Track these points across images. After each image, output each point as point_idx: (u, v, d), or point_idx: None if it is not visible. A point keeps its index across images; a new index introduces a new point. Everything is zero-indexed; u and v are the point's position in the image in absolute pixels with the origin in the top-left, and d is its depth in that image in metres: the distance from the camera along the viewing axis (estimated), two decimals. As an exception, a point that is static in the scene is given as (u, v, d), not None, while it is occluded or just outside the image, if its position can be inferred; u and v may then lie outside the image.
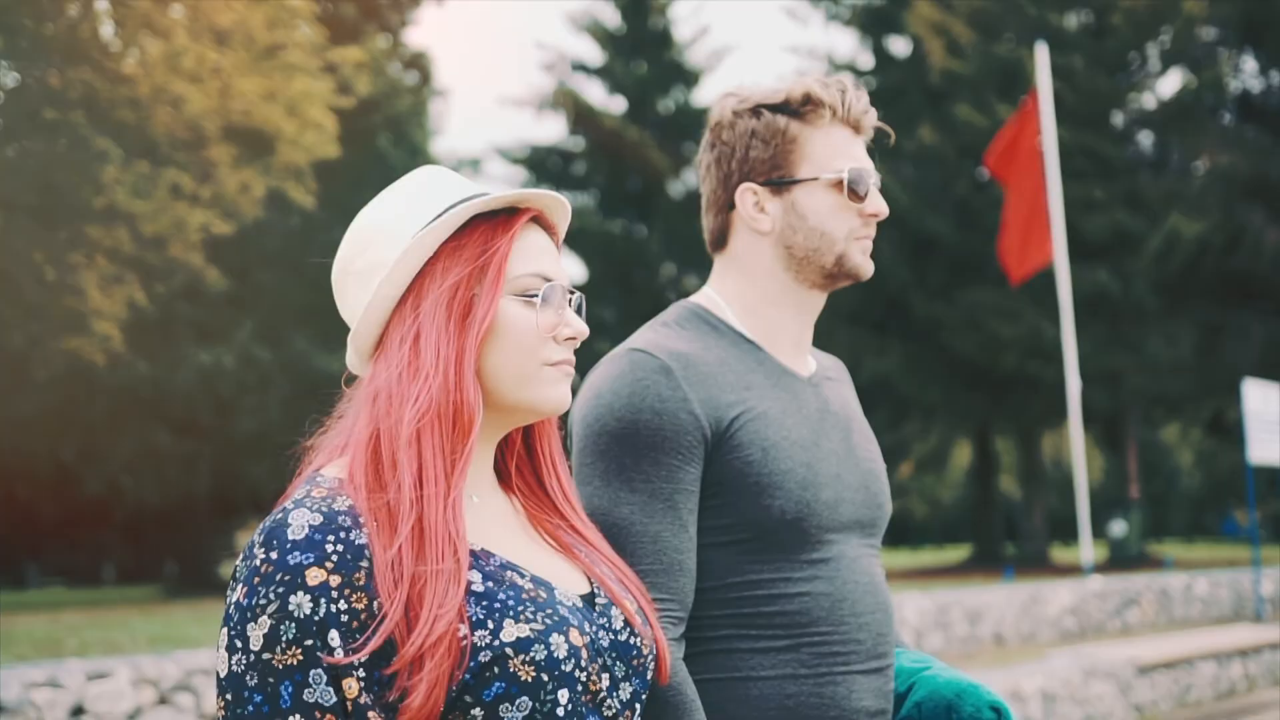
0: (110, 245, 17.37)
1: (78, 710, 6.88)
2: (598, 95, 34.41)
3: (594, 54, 34.74)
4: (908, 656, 2.16)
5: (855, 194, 2.12)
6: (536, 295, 1.63)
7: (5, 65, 17.62)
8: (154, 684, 7.30)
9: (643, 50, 34.11)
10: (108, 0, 17.68)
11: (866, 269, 2.15)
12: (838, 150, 2.13)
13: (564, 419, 1.88)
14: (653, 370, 1.98)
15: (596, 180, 34.65)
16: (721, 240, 2.18)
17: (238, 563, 1.52)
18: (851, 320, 28.82)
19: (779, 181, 2.12)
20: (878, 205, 2.14)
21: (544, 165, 34.44)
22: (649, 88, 34.00)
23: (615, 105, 34.27)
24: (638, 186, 33.78)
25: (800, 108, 2.12)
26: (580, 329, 1.67)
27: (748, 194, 2.13)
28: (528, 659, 1.48)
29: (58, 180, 16.80)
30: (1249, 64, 29.96)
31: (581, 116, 33.10)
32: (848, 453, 2.13)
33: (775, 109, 2.12)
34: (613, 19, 34.27)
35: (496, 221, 1.65)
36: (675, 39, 34.55)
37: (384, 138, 28.01)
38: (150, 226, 17.23)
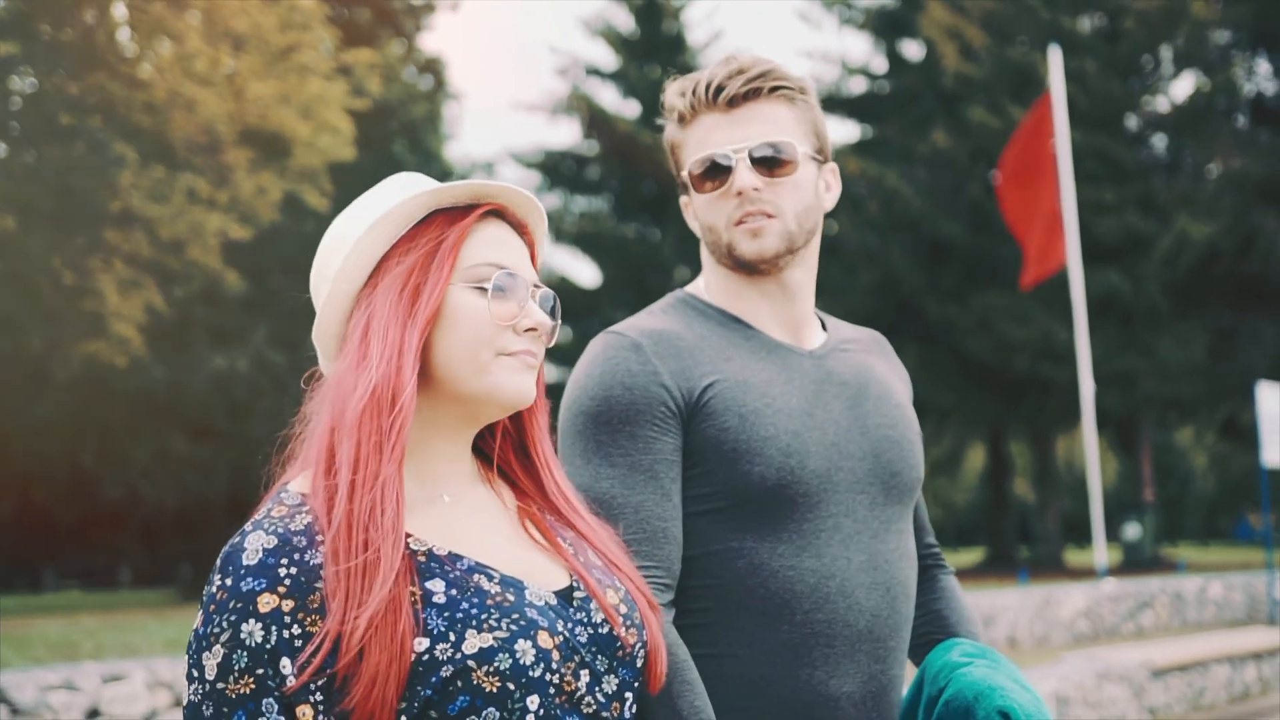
0: (128, 250, 17.46)
1: (93, 713, 6.93)
2: (611, 99, 34.44)
3: (608, 59, 34.75)
4: (960, 649, 2.06)
5: (702, 182, 2.09)
6: (490, 284, 1.61)
7: (22, 71, 17.72)
8: (169, 687, 7.35)
9: (656, 55, 34.09)
10: (124, 6, 17.78)
11: (752, 252, 2.06)
12: (700, 143, 2.10)
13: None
14: (623, 348, 2.01)
15: (611, 184, 34.64)
16: None
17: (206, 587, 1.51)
18: (864, 323, 28.48)
19: (685, 187, 2.17)
20: (740, 182, 2.05)
21: (558, 169, 34.46)
22: (663, 92, 34.00)
23: (629, 109, 34.27)
24: (652, 190, 33.77)
25: (672, 114, 2.16)
26: (541, 321, 1.63)
27: (686, 207, 2.20)
28: (492, 669, 1.45)
29: (75, 185, 16.89)
30: (1262, 67, 29.86)
31: (595, 121, 33.10)
32: (853, 421, 2.08)
33: (671, 122, 2.17)
34: (626, 24, 34.28)
35: (454, 214, 1.65)
36: (689, 43, 34.53)
37: (399, 143, 28.11)
38: (167, 230, 17.31)
